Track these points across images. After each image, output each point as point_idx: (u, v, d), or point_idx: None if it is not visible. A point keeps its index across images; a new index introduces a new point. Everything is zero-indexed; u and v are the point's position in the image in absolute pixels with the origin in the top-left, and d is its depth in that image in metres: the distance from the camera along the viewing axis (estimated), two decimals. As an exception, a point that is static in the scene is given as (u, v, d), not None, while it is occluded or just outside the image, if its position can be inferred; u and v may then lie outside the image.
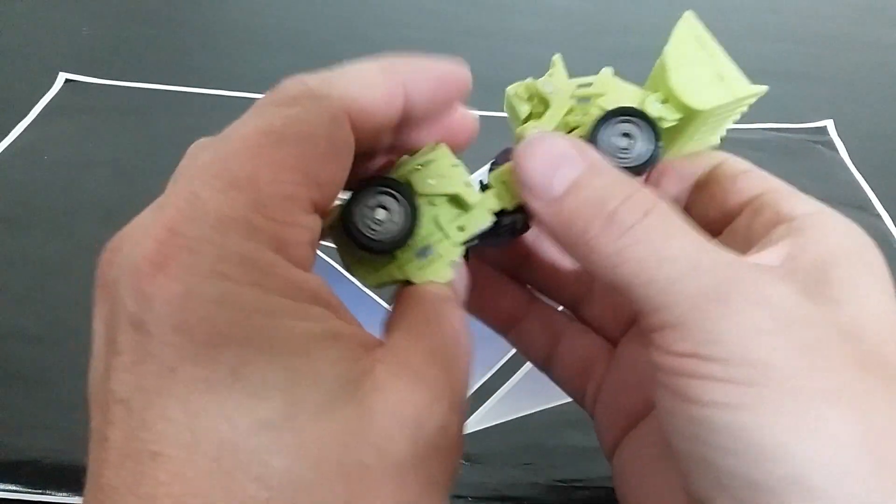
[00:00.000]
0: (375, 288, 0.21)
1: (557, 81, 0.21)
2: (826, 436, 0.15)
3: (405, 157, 0.21)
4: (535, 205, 0.19)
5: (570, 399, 0.35)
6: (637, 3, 0.72)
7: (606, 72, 0.21)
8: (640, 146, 0.20)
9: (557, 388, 0.27)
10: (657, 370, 0.17)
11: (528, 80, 0.22)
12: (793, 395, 0.15)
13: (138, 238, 0.15)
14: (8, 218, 0.43)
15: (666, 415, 0.17)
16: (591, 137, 0.20)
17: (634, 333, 0.25)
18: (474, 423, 0.35)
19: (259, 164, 0.15)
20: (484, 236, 0.21)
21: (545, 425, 0.35)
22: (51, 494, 0.30)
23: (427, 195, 0.20)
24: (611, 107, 0.21)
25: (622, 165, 0.20)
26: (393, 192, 0.19)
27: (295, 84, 0.17)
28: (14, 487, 0.30)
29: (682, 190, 0.23)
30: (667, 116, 0.21)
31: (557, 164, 0.18)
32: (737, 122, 0.22)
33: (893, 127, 0.57)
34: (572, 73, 0.22)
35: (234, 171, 0.15)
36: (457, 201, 0.20)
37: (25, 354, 0.36)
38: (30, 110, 0.52)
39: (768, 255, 0.18)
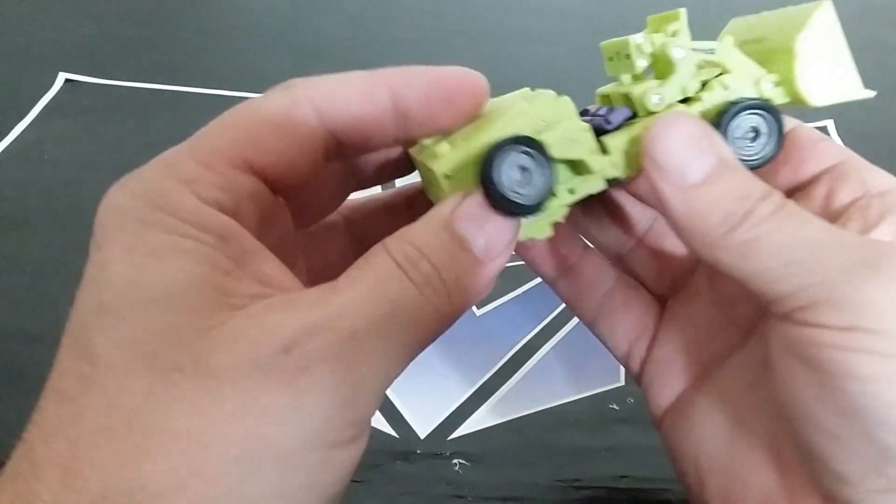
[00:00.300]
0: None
1: (686, 44, 0.20)
2: None
3: (519, 98, 0.20)
4: (666, 188, 0.19)
5: (570, 399, 0.36)
6: (637, 3, 0.72)
7: (728, 42, 0.20)
8: (764, 143, 0.20)
9: (557, 389, 0.27)
10: (808, 345, 0.17)
11: (655, 35, 0.21)
12: None
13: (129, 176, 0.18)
14: (8, 218, 0.43)
15: (814, 396, 0.17)
16: (719, 127, 0.20)
17: (687, 289, 0.25)
18: (475, 423, 0.35)
19: (211, 127, 0.18)
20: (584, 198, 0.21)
21: (545, 425, 0.35)
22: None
23: (558, 160, 0.19)
24: (736, 92, 0.20)
25: (743, 160, 0.20)
26: (532, 152, 0.19)
27: (279, 84, 0.19)
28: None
29: None
30: (777, 99, 0.21)
31: (695, 151, 0.19)
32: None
33: (893, 127, 0.57)
34: (572, 73, 0.22)
35: (201, 131, 0.18)
36: (576, 166, 0.20)
37: (25, 354, 0.36)
38: (30, 110, 0.52)
39: (881, 233, 0.19)
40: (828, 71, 0.20)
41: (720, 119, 0.20)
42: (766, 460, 0.20)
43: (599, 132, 0.20)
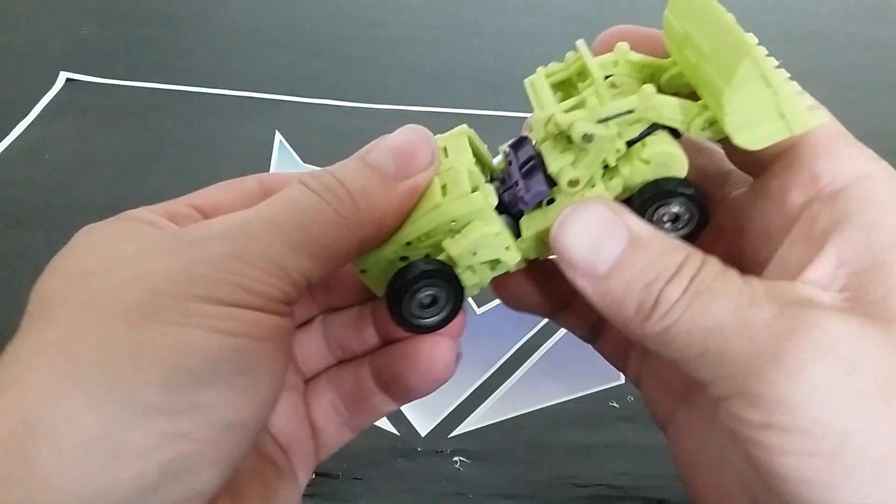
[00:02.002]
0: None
1: (598, 134, 0.19)
2: None
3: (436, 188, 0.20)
4: (580, 282, 0.18)
5: (570, 397, 0.36)
6: (637, 3, 0.73)
7: (648, 93, 0.19)
8: (686, 222, 0.19)
9: (558, 387, 0.27)
10: (734, 432, 0.16)
11: (561, 116, 0.19)
12: (881, 463, 0.15)
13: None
14: (8, 216, 0.44)
15: (748, 468, 0.17)
16: (641, 206, 0.19)
17: None
18: (475, 421, 0.35)
19: (271, 236, 0.18)
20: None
21: (545, 423, 0.35)
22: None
23: (468, 266, 0.20)
24: (658, 166, 0.19)
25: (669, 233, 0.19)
26: (441, 280, 0.20)
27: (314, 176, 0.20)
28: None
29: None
30: (712, 138, 0.19)
31: (600, 240, 0.18)
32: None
33: (893, 127, 0.57)
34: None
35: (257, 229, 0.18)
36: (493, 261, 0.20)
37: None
38: (31, 109, 0.52)
39: (816, 272, 0.17)
40: (765, 114, 0.18)
41: (642, 208, 0.19)
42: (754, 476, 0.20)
43: (515, 206, 0.20)
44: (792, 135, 0.18)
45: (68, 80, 0.55)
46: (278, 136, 0.49)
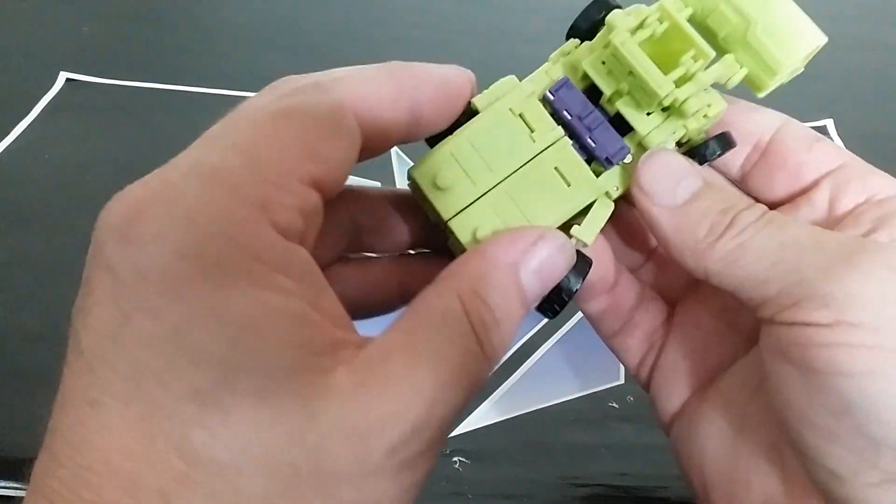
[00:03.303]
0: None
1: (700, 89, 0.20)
2: None
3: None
4: (654, 210, 0.20)
5: (570, 397, 0.36)
6: (636, 3, 0.72)
7: (730, 59, 0.20)
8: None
9: (558, 387, 0.27)
10: (794, 347, 0.17)
11: (678, 87, 0.20)
12: None
13: (134, 188, 0.15)
14: (8, 216, 0.44)
15: (805, 395, 0.17)
16: (699, 156, 0.21)
17: (693, 299, 0.25)
18: (475, 421, 0.35)
19: (261, 134, 0.16)
20: None
21: (546, 423, 0.35)
22: (52, 492, 0.30)
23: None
24: (712, 111, 0.21)
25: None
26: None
27: (300, 78, 0.18)
28: (16, 485, 0.30)
29: (741, 150, 0.22)
30: (735, 81, 0.21)
31: (679, 177, 0.20)
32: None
33: (893, 127, 0.57)
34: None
35: (236, 137, 0.16)
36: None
37: (26, 353, 0.36)
38: (31, 109, 0.52)
39: (876, 237, 0.19)
40: (788, 34, 0.20)
41: (701, 156, 0.21)
42: (768, 466, 0.20)
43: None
44: (805, 58, 0.21)
45: (68, 80, 0.55)
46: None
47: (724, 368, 0.23)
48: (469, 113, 0.21)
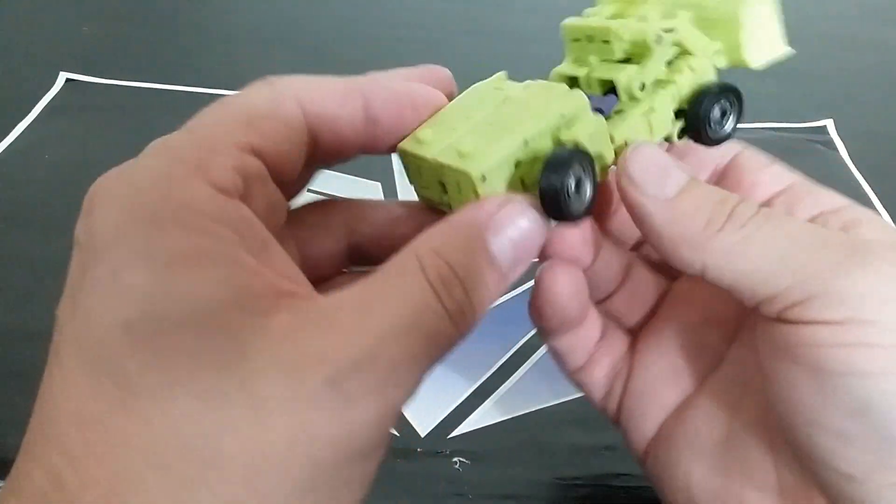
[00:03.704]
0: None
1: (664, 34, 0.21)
2: None
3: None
4: (645, 201, 0.19)
5: (570, 397, 0.36)
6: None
7: (685, 19, 0.22)
8: (731, 120, 0.22)
9: (557, 387, 0.27)
10: (801, 346, 0.17)
11: (632, 24, 0.22)
12: None
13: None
14: (8, 216, 0.44)
15: (815, 395, 0.17)
16: (697, 105, 0.21)
17: (656, 322, 0.25)
18: (474, 421, 0.35)
19: (205, 114, 0.18)
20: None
21: (545, 423, 0.35)
22: (51, 492, 0.30)
23: (586, 148, 0.20)
24: (701, 74, 0.21)
25: (719, 137, 0.22)
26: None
27: (258, 80, 0.19)
28: (15, 485, 0.30)
29: (700, 175, 0.23)
30: (720, 65, 0.22)
31: (667, 170, 0.20)
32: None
33: (893, 127, 0.57)
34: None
35: (195, 119, 0.18)
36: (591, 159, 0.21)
37: (26, 352, 0.36)
38: (31, 110, 0.52)
39: None
40: (764, 34, 0.22)
41: (699, 107, 0.21)
42: (762, 477, 0.20)
43: None
44: (778, 57, 0.22)
45: (68, 80, 0.55)
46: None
47: (697, 387, 0.23)
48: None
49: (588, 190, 0.20)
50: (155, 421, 0.14)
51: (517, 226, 0.18)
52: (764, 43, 0.22)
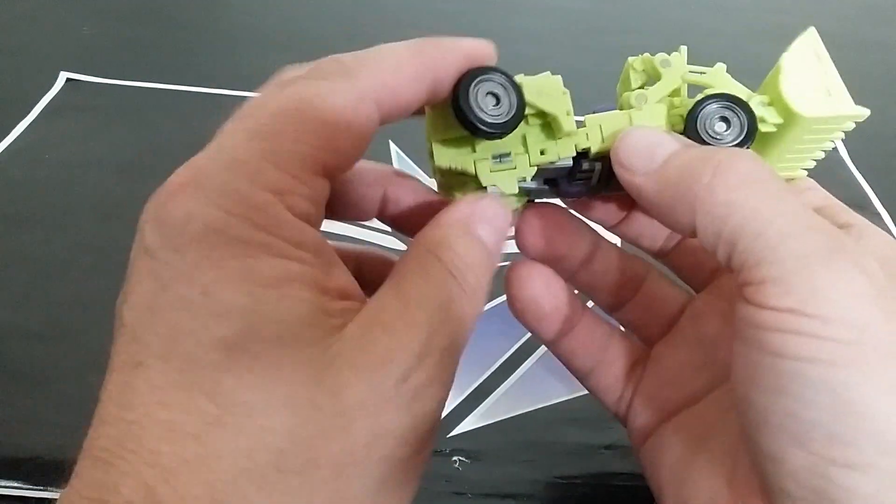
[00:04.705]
0: (441, 175, 0.22)
1: (674, 60, 0.22)
2: None
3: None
4: (637, 180, 0.20)
5: (570, 396, 0.36)
6: (637, 3, 0.73)
7: (720, 66, 0.22)
8: (734, 134, 0.21)
9: (557, 386, 0.27)
10: (747, 325, 0.18)
11: (646, 54, 0.23)
12: (884, 356, 0.16)
13: (170, 178, 0.17)
14: (8, 216, 0.44)
15: (750, 369, 0.18)
16: (692, 112, 0.21)
17: (671, 335, 0.26)
18: (474, 421, 0.35)
19: (284, 123, 0.17)
20: (557, 180, 0.22)
21: (545, 422, 0.35)
22: (52, 491, 0.30)
23: (529, 104, 0.21)
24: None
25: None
26: (503, 82, 0.20)
27: (330, 62, 0.19)
28: (15, 484, 0.30)
29: None
30: (768, 118, 0.21)
31: (655, 145, 0.20)
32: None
33: (893, 127, 0.57)
34: (572, 73, 0.22)
35: (259, 125, 0.17)
36: (549, 127, 0.21)
37: (26, 352, 0.36)
38: (31, 109, 0.52)
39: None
40: (816, 88, 0.21)
41: (694, 109, 0.21)
42: (720, 469, 0.21)
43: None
44: (836, 114, 0.21)
45: (68, 80, 0.55)
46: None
47: (697, 400, 0.24)
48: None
49: (509, 102, 0.20)
50: (251, 434, 0.15)
51: (491, 213, 0.20)
52: (816, 95, 0.21)
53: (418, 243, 0.19)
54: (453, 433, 0.34)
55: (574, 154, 0.21)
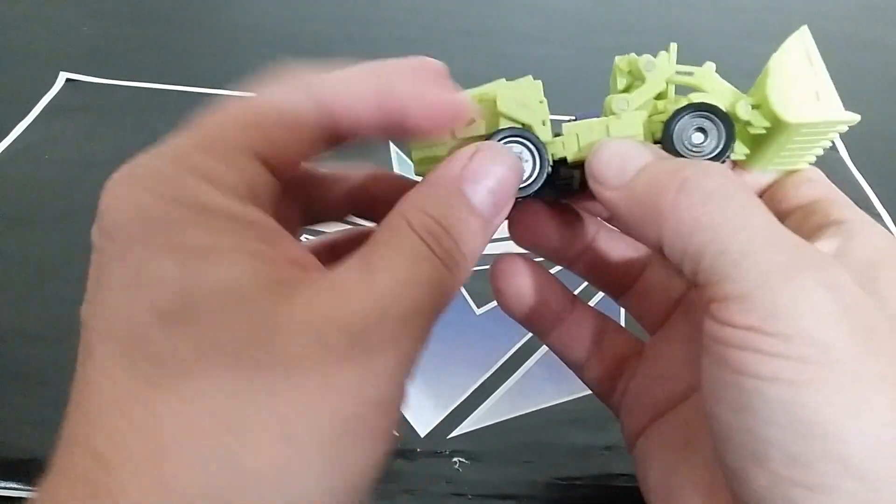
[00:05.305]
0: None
1: (659, 62, 0.22)
2: (872, 418, 0.16)
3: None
4: (609, 195, 0.20)
5: (569, 397, 0.36)
6: (637, 3, 0.73)
7: (709, 66, 0.22)
8: (712, 145, 0.21)
9: (557, 387, 0.27)
10: (712, 341, 0.17)
11: (633, 55, 0.22)
12: (847, 377, 0.16)
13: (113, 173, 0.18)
14: (8, 217, 0.44)
15: (713, 385, 0.18)
16: (668, 124, 0.21)
17: (667, 327, 0.25)
18: (474, 422, 0.35)
19: (220, 118, 0.18)
20: (541, 186, 0.22)
21: (545, 423, 0.35)
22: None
23: (505, 115, 0.21)
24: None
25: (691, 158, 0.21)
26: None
27: (282, 72, 0.20)
28: (14, 485, 0.30)
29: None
30: (755, 122, 0.21)
31: (627, 159, 0.20)
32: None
33: (893, 127, 0.57)
34: (572, 73, 0.22)
35: (199, 123, 0.18)
36: (531, 131, 0.21)
37: (26, 353, 0.36)
38: (31, 110, 0.52)
39: (822, 246, 0.19)
40: (805, 92, 0.20)
41: (670, 118, 0.21)
42: (701, 479, 0.21)
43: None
44: (825, 120, 0.20)
45: (68, 80, 0.55)
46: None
47: (687, 395, 0.24)
48: None
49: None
50: (191, 395, 0.15)
51: (488, 171, 0.19)
52: (805, 99, 0.20)
53: (395, 208, 0.19)
54: (453, 434, 0.34)
55: (551, 164, 0.21)
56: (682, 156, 0.21)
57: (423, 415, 0.35)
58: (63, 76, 0.55)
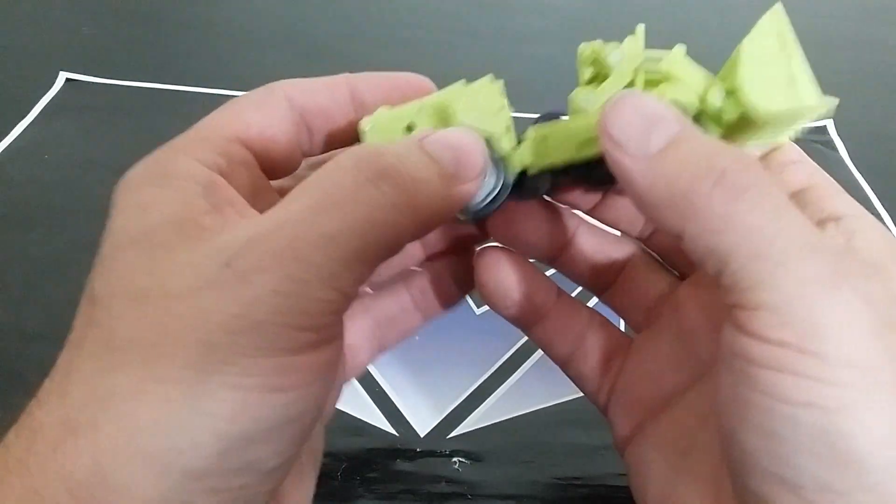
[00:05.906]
0: None
1: (627, 50, 0.20)
2: None
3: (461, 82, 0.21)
4: (627, 161, 0.17)
5: (569, 397, 0.36)
6: (637, 3, 0.73)
7: (679, 50, 0.20)
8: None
9: (557, 387, 0.27)
10: (736, 357, 0.16)
11: (598, 42, 0.20)
12: (886, 403, 0.15)
13: None
14: (8, 217, 0.44)
15: (735, 404, 0.16)
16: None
17: (654, 324, 0.25)
18: (474, 422, 0.35)
19: (208, 116, 0.21)
20: (508, 193, 0.21)
21: (545, 423, 0.35)
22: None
23: (464, 125, 0.20)
24: (670, 96, 0.19)
25: None
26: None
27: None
28: (15, 485, 0.30)
29: None
30: (726, 112, 0.19)
31: (653, 122, 0.17)
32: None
33: (893, 127, 0.57)
34: (572, 73, 0.22)
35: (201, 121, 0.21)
36: (490, 143, 0.20)
37: (25, 352, 0.36)
38: (30, 110, 0.52)
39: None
40: (778, 77, 0.19)
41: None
42: (705, 492, 0.20)
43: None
44: (798, 106, 0.18)
45: (68, 80, 0.55)
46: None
47: (678, 394, 0.23)
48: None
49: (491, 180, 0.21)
50: (103, 324, 0.17)
51: (451, 137, 0.19)
52: (778, 86, 0.18)
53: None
54: (453, 434, 0.34)
55: (516, 174, 0.21)
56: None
57: (422, 415, 0.35)
58: (63, 76, 0.55)
